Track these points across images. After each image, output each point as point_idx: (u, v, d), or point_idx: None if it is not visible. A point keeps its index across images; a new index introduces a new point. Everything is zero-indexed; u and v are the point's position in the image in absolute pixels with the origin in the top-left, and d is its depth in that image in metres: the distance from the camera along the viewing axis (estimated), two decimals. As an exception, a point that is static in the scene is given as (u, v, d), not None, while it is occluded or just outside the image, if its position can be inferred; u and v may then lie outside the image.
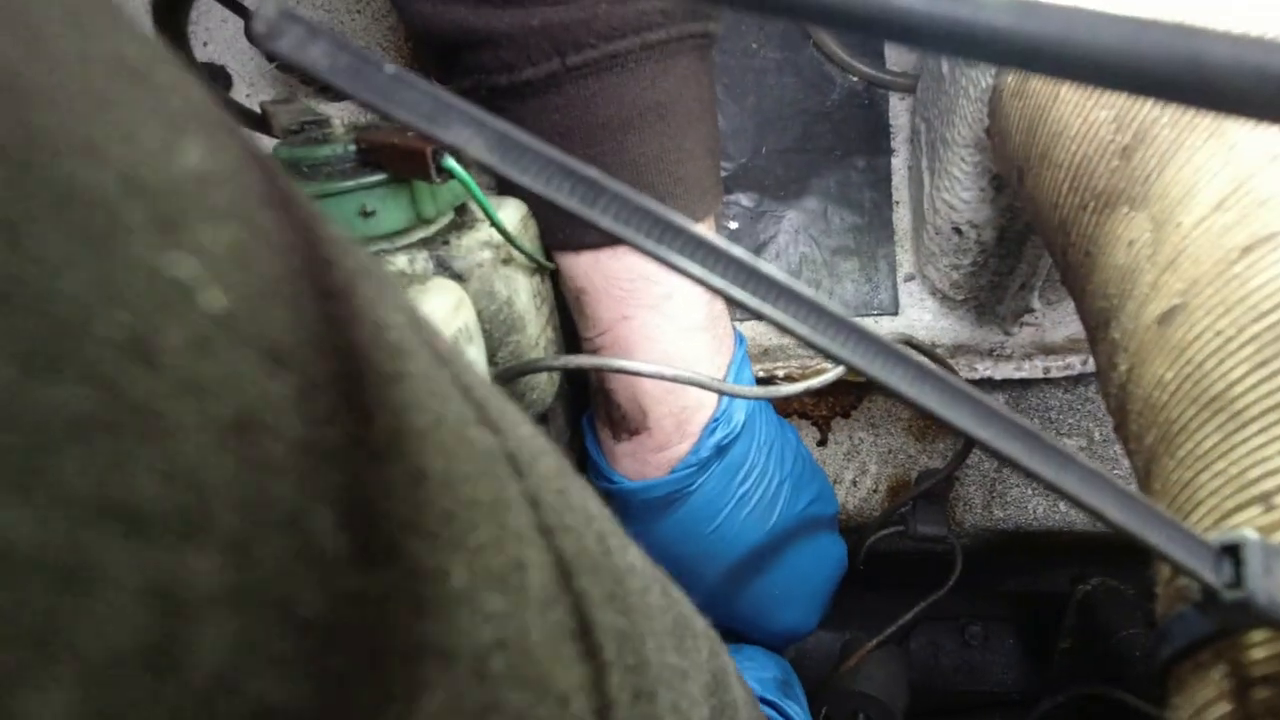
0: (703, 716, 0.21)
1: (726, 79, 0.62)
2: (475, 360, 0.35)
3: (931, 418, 0.15)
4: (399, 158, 0.35)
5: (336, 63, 0.14)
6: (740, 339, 0.51)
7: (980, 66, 0.42)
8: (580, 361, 0.44)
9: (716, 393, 0.47)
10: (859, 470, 0.65)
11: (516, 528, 0.14)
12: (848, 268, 0.62)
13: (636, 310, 0.46)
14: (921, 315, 0.62)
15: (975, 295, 0.59)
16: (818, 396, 0.64)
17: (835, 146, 0.62)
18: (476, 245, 0.39)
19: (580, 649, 0.15)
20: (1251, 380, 0.22)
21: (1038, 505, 0.64)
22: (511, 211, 0.43)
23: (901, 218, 0.62)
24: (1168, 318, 0.25)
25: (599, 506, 0.20)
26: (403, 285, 0.34)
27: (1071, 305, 0.55)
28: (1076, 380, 0.61)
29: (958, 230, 0.53)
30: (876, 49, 0.62)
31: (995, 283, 0.57)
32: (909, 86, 0.60)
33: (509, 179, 0.14)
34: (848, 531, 0.62)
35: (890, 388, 0.14)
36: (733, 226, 0.63)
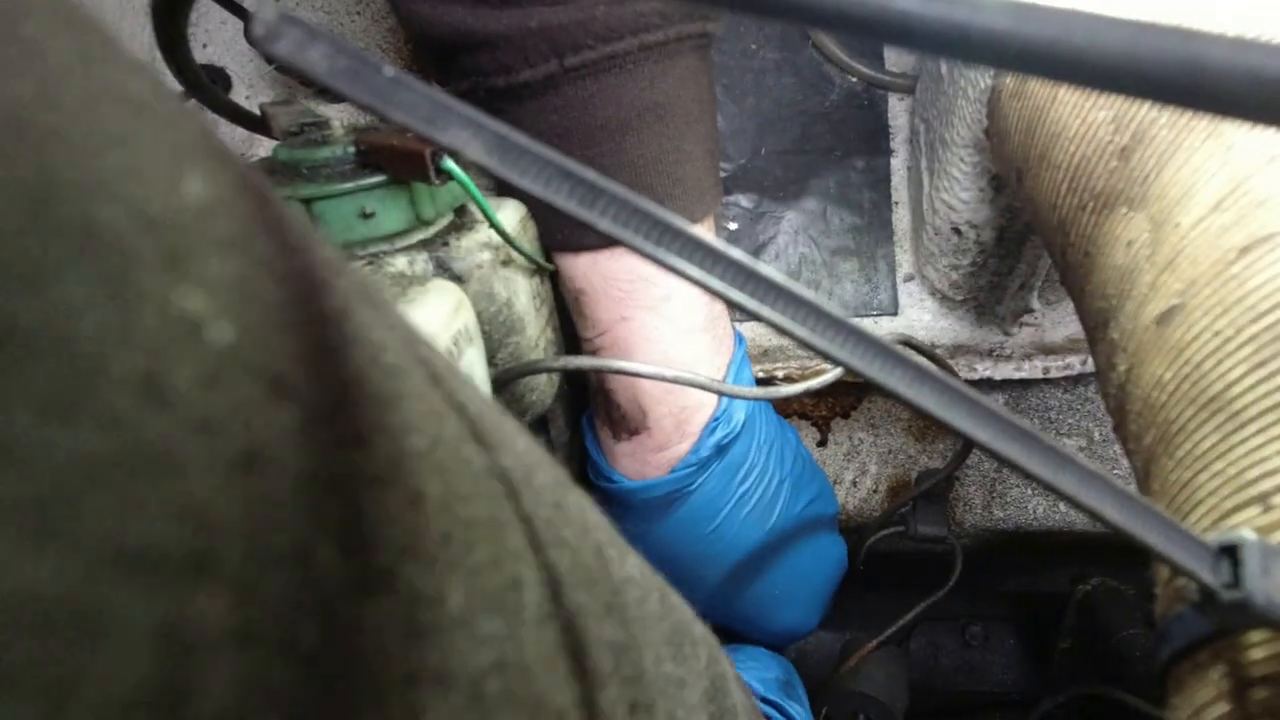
0: None
1: (726, 80, 0.62)
2: (475, 362, 0.35)
3: (930, 419, 0.15)
4: (398, 159, 0.35)
5: (335, 65, 0.14)
6: (740, 339, 0.51)
7: (979, 68, 0.42)
8: (580, 363, 0.44)
9: (716, 393, 0.47)
10: (859, 471, 0.65)
11: (513, 546, 0.14)
12: (847, 268, 0.62)
13: (635, 311, 0.46)
14: (921, 315, 0.62)
15: (975, 295, 0.59)
16: (817, 397, 0.64)
17: (834, 147, 0.62)
18: (476, 247, 0.39)
19: (574, 665, 0.15)
20: (1250, 381, 0.22)
21: (1038, 505, 0.64)
22: (510, 213, 0.43)
23: (901, 218, 0.62)
24: (1166, 318, 0.25)
25: (597, 517, 0.20)
26: (402, 286, 0.34)
27: (1071, 305, 0.55)
28: (1076, 380, 0.61)
29: (957, 230, 0.53)
30: (876, 50, 0.62)
31: (994, 283, 0.57)
32: (908, 87, 0.61)
33: (508, 181, 0.14)
34: (848, 532, 0.62)
35: (889, 389, 0.14)
36: (732, 227, 0.63)
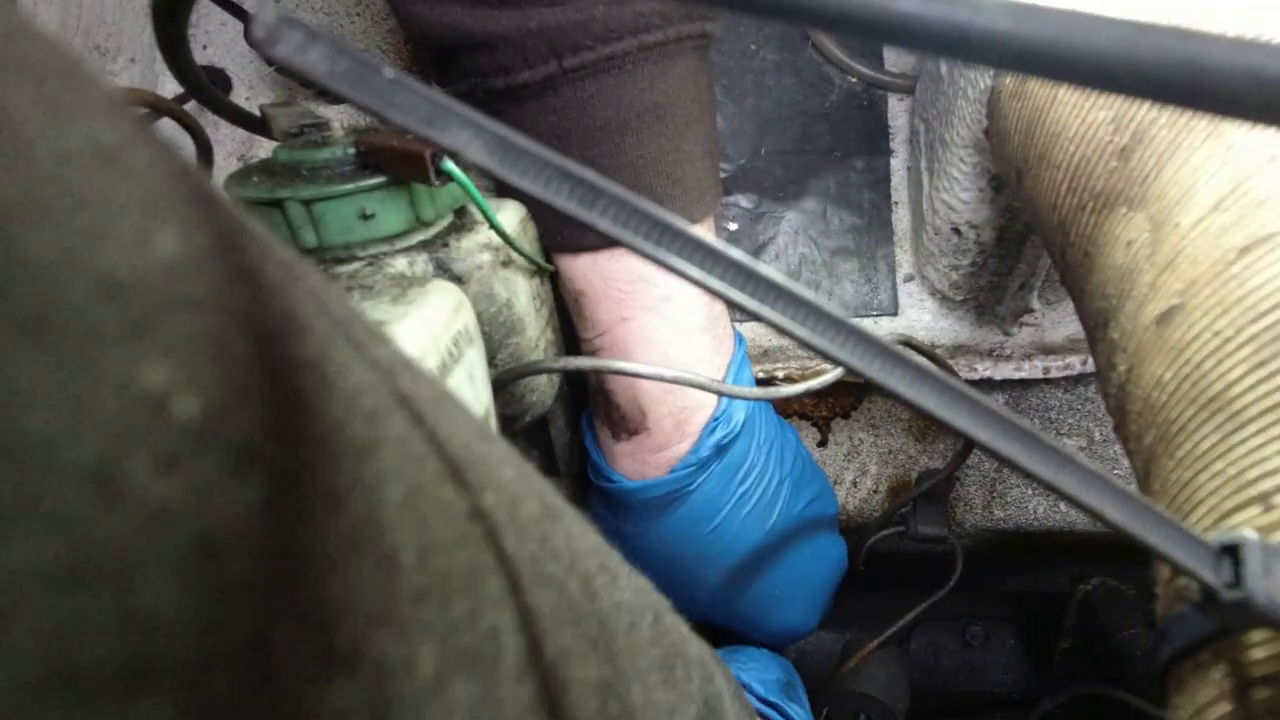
0: None
1: (725, 80, 0.62)
2: (475, 362, 0.35)
3: (930, 419, 0.15)
4: (398, 160, 0.35)
5: (335, 67, 0.14)
6: (740, 340, 0.51)
7: (978, 68, 0.42)
8: (580, 363, 0.44)
9: (715, 394, 0.47)
10: (859, 471, 0.65)
11: (492, 593, 0.14)
12: (847, 268, 0.62)
13: (635, 312, 0.46)
14: (921, 316, 0.62)
15: (975, 296, 0.59)
16: (818, 397, 0.64)
17: (834, 147, 0.62)
18: (476, 247, 0.39)
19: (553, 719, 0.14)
20: (1250, 380, 0.22)
21: (1038, 505, 0.64)
22: (510, 214, 0.43)
23: (901, 218, 0.62)
24: (1166, 318, 0.25)
25: (589, 541, 0.19)
26: (402, 287, 0.34)
27: (1071, 305, 0.55)
28: (1076, 380, 0.61)
29: (957, 231, 0.53)
30: (875, 50, 0.62)
31: (994, 283, 0.57)
32: (908, 87, 0.61)
33: (508, 182, 0.14)
34: (848, 532, 0.62)
35: (889, 389, 0.14)
36: (732, 228, 0.63)
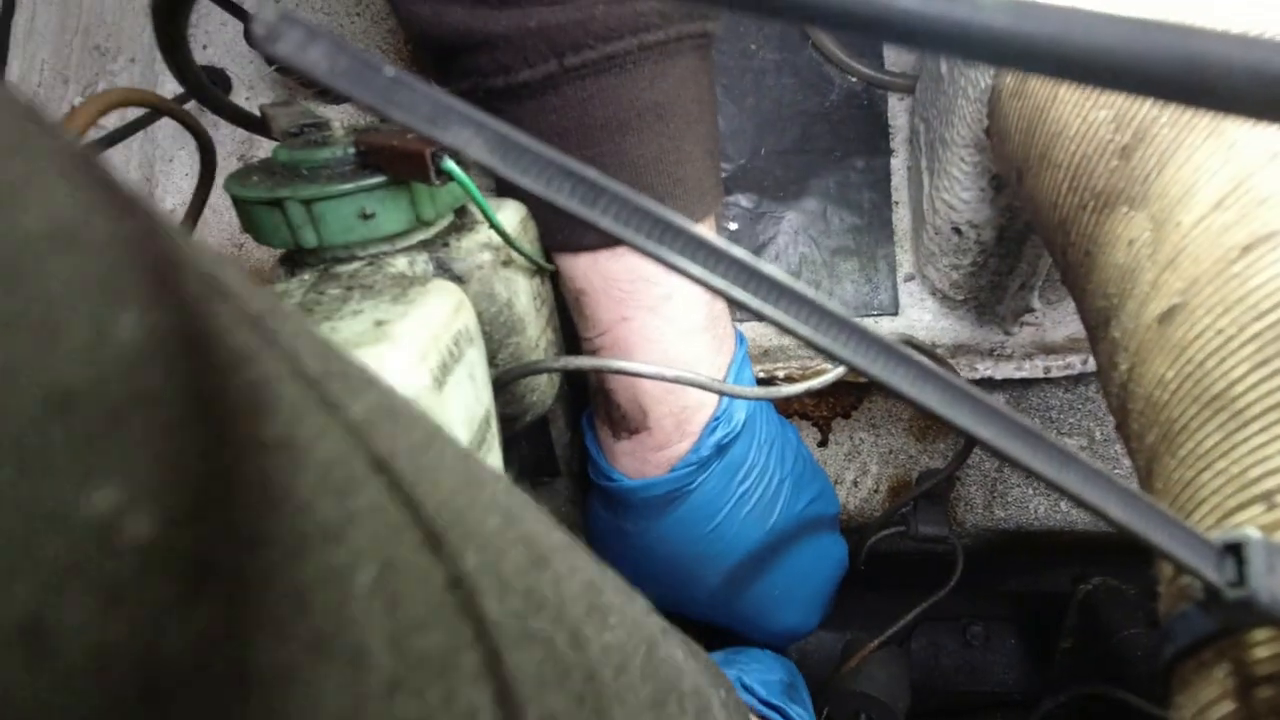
0: None
1: (725, 80, 0.62)
2: (475, 362, 0.35)
3: (933, 417, 0.15)
4: (398, 160, 0.35)
5: (336, 65, 0.14)
6: (741, 339, 0.51)
7: (979, 67, 0.42)
8: (580, 363, 0.44)
9: (716, 393, 0.47)
10: (860, 471, 0.65)
11: (469, 670, 0.13)
12: (847, 268, 0.62)
13: (636, 312, 0.46)
14: (921, 315, 0.62)
15: (975, 295, 0.59)
16: (818, 397, 0.64)
17: (834, 147, 0.62)
18: (476, 247, 0.39)
19: None
20: (1252, 379, 0.22)
21: (1039, 505, 0.63)
22: (511, 213, 0.43)
23: (901, 218, 0.62)
24: (1168, 317, 0.25)
25: (580, 579, 0.18)
26: (402, 287, 0.34)
27: (1071, 305, 0.55)
28: (1077, 380, 0.61)
29: (957, 230, 0.53)
30: (875, 50, 0.62)
31: (995, 282, 0.57)
32: (908, 87, 0.61)
33: (509, 180, 0.14)
34: (849, 532, 0.62)
35: (892, 388, 0.14)
36: (732, 228, 0.63)
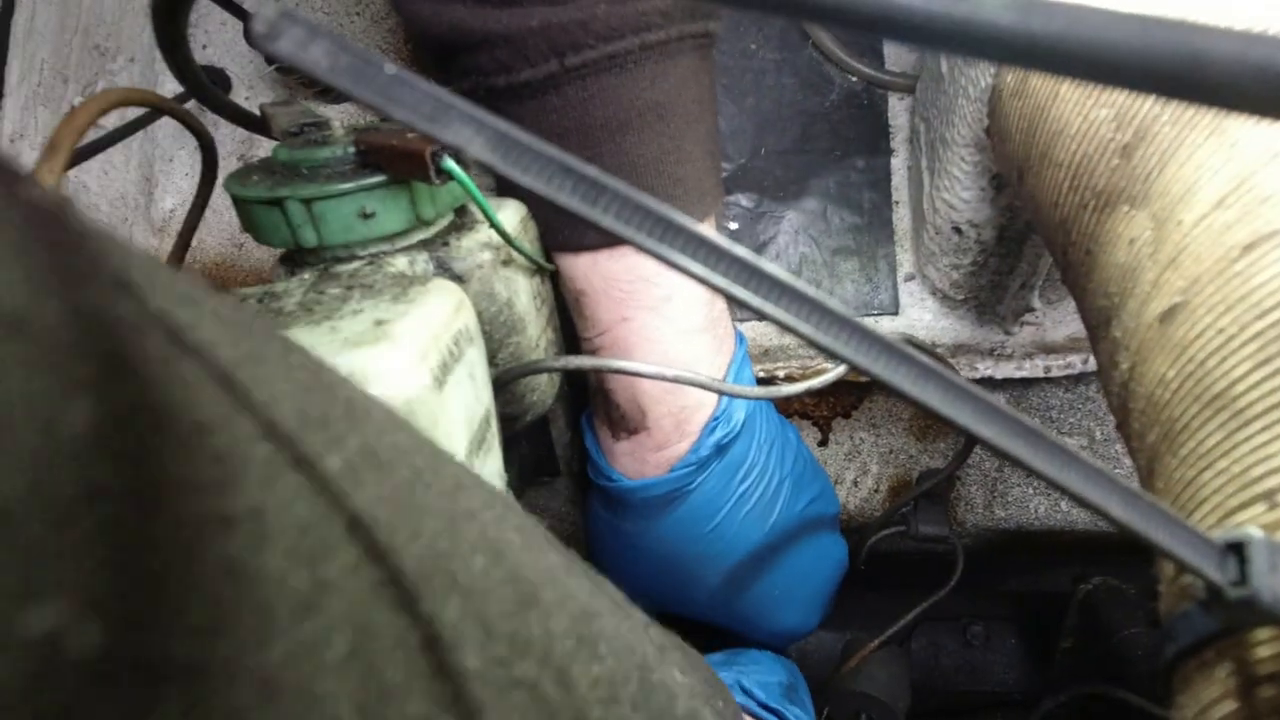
0: None
1: (725, 80, 0.62)
2: (475, 362, 0.35)
3: (935, 416, 0.14)
4: (398, 159, 0.35)
5: (337, 63, 0.14)
6: (741, 339, 0.51)
7: (980, 65, 0.42)
8: (580, 363, 0.44)
9: (716, 393, 0.47)
10: (860, 470, 0.65)
11: None
12: (848, 268, 0.62)
13: (636, 312, 0.46)
14: (922, 315, 0.62)
15: (975, 295, 0.58)
16: (818, 397, 0.64)
17: (834, 147, 0.62)
18: (476, 247, 0.39)
19: None
20: (1254, 378, 0.22)
21: (1039, 505, 0.63)
22: (511, 213, 0.43)
23: (901, 218, 0.62)
24: (1169, 316, 0.25)
25: (570, 611, 0.18)
26: (403, 286, 0.34)
27: (1072, 304, 0.55)
28: (1077, 379, 0.61)
29: (958, 230, 0.53)
30: (875, 49, 0.62)
31: (995, 282, 0.57)
32: (908, 86, 0.60)
33: (510, 178, 0.14)
34: (849, 532, 0.62)
35: (894, 387, 0.14)
36: (732, 227, 0.63)
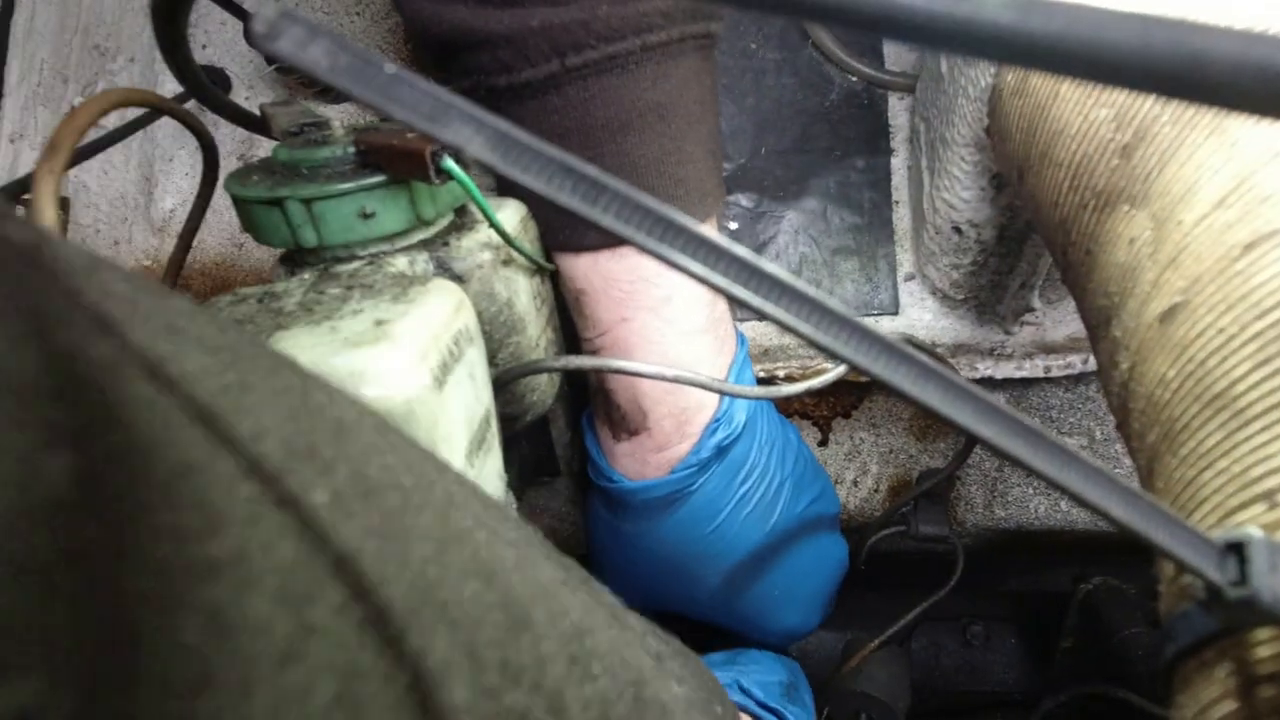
0: None
1: (725, 79, 0.62)
2: (475, 362, 0.35)
3: (935, 416, 0.14)
4: (398, 159, 0.35)
5: (337, 62, 0.14)
6: (742, 340, 0.51)
7: (980, 65, 0.42)
8: (581, 362, 0.43)
9: (717, 393, 0.47)
10: (860, 470, 0.65)
11: None
12: (848, 268, 0.62)
13: (636, 312, 0.46)
14: (922, 315, 0.62)
15: (975, 294, 0.58)
16: (819, 396, 0.64)
17: (834, 147, 0.62)
18: (476, 246, 0.39)
19: None
20: (1254, 378, 0.21)
21: (1039, 504, 0.63)
22: (511, 213, 0.43)
23: (901, 217, 0.62)
24: (1169, 315, 0.25)
25: (561, 630, 0.17)
26: (403, 286, 0.34)
27: (1072, 304, 0.55)
28: (1077, 379, 0.61)
29: (958, 230, 0.53)
30: (875, 49, 0.62)
31: (995, 282, 0.57)
32: (908, 86, 0.60)
33: (510, 178, 0.14)
34: (849, 532, 0.62)
35: (894, 386, 0.14)
36: (732, 227, 0.63)
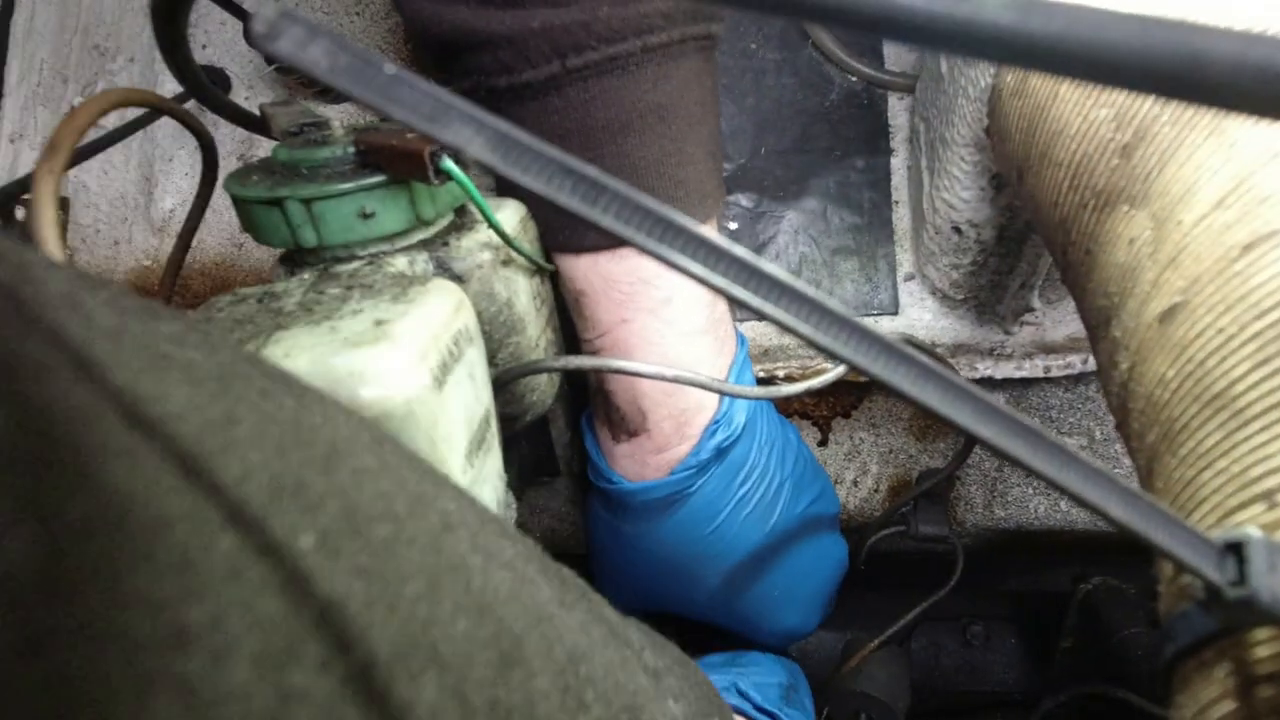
0: None
1: (725, 80, 0.62)
2: (475, 362, 0.35)
3: (934, 416, 0.14)
4: (398, 159, 0.35)
5: (336, 62, 0.14)
6: (742, 341, 0.51)
7: (980, 65, 0.42)
8: (580, 363, 0.43)
9: (717, 393, 0.47)
10: (860, 470, 0.65)
11: None
12: (847, 268, 0.62)
13: (636, 314, 0.46)
14: (921, 315, 0.62)
15: (975, 295, 0.58)
16: (818, 396, 0.64)
17: (834, 147, 0.62)
18: (476, 247, 0.39)
19: None
20: (1254, 378, 0.22)
21: (1039, 504, 0.63)
22: (510, 213, 0.43)
23: (901, 217, 0.62)
24: (1169, 316, 0.25)
25: (556, 660, 0.17)
26: (402, 286, 0.34)
27: (1072, 304, 0.55)
28: (1077, 379, 0.61)
29: (957, 230, 0.53)
30: (875, 49, 0.62)
31: (995, 282, 0.57)
32: (908, 86, 0.60)
33: (510, 178, 0.14)
34: (849, 532, 0.61)
35: (893, 387, 0.14)
36: (732, 227, 0.63)
